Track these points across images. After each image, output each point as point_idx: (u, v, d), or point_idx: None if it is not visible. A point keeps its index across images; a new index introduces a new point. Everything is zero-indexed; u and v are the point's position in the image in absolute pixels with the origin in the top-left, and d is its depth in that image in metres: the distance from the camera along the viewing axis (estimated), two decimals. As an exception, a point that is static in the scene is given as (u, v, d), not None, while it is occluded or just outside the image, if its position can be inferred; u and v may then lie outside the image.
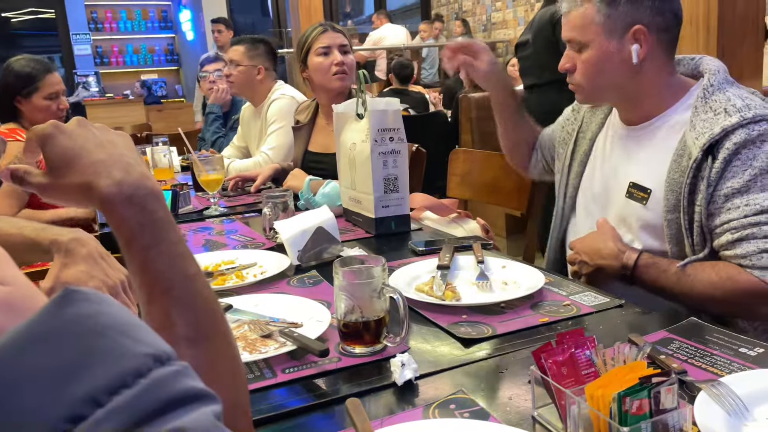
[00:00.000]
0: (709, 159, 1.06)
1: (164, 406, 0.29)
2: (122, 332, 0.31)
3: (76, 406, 0.28)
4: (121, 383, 0.29)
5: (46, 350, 0.29)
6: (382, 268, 0.89)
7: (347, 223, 1.68)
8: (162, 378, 0.30)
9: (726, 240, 1.05)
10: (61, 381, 0.28)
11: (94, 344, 0.30)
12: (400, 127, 1.54)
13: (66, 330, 0.30)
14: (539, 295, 1.06)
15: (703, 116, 1.09)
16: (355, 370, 0.84)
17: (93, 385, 0.28)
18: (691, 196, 1.08)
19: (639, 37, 1.14)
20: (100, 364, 0.29)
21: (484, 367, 0.84)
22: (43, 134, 0.60)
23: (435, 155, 2.32)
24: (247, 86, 2.60)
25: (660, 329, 0.90)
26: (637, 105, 1.22)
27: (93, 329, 0.31)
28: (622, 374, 0.62)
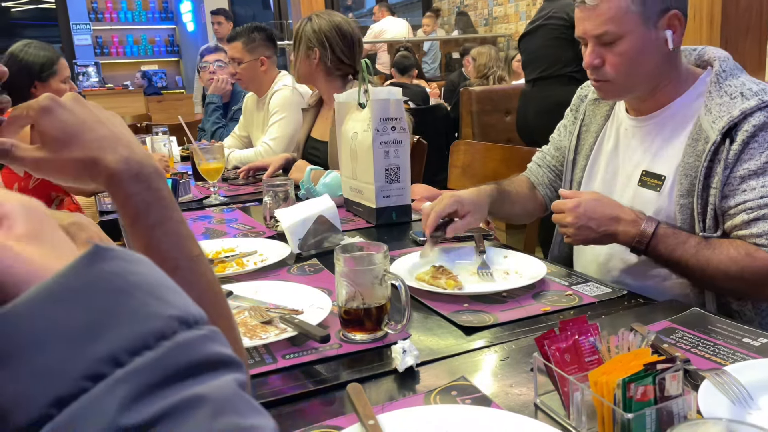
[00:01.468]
0: (727, 142, 1.05)
1: (186, 370, 0.29)
2: (150, 293, 0.31)
3: (96, 364, 0.28)
4: (143, 344, 0.29)
5: (70, 307, 0.29)
6: (383, 254, 0.88)
7: (348, 213, 1.68)
8: (186, 341, 0.30)
9: (741, 220, 1.05)
10: (83, 339, 0.28)
11: (119, 303, 0.30)
12: (401, 117, 1.53)
13: (92, 287, 0.30)
14: (541, 285, 1.05)
15: (718, 101, 1.08)
16: (356, 356, 0.84)
17: (115, 344, 0.28)
18: (707, 180, 1.08)
19: (674, 22, 1.12)
20: (123, 324, 0.29)
21: (485, 354, 0.84)
22: (40, 107, 0.57)
23: (435, 148, 2.32)
24: (253, 80, 2.60)
25: (663, 319, 0.90)
26: (655, 94, 1.20)
27: (120, 287, 0.30)
28: (626, 361, 0.62)
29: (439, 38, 7.36)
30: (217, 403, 0.29)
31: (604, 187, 1.30)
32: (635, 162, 1.23)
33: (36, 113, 0.57)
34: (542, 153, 1.53)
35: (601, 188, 1.31)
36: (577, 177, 1.39)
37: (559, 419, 0.66)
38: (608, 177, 1.30)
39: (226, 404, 0.29)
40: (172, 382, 0.28)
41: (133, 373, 0.28)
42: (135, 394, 0.27)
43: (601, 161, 1.33)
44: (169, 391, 0.28)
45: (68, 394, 0.27)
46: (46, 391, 0.27)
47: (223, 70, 3.17)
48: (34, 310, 0.28)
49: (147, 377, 0.28)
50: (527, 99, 3.32)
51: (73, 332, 0.28)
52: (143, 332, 0.29)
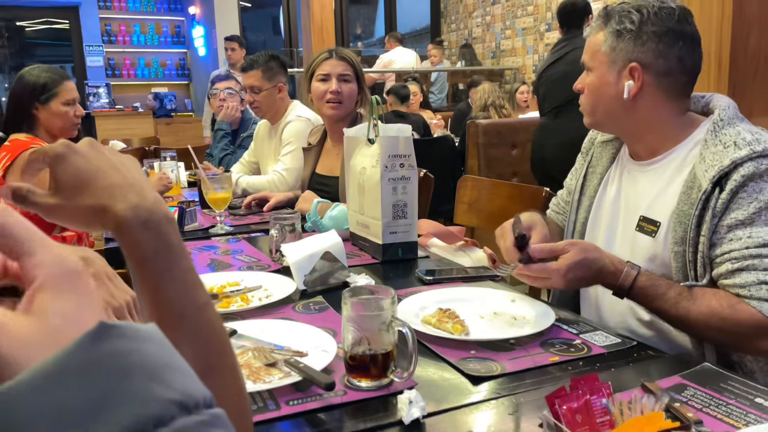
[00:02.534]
0: (717, 191, 1.06)
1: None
2: (151, 375, 0.30)
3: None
4: (141, 430, 0.28)
5: (67, 389, 0.28)
6: (391, 300, 0.87)
7: (354, 248, 1.67)
8: (185, 428, 0.29)
9: (726, 269, 1.05)
10: (79, 422, 0.27)
11: (118, 385, 0.29)
12: (411, 154, 1.54)
13: (92, 368, 0.29)
14: (549, 332, 1.04)
15: (712, 149, 1.09)
16: (360, 405, 0.82)
17: (114, 428, 0.27)
18: (698, 228, 1.08)
19: (634, 74, 1.17)
20: (120, 408, 0.28)
21: (493, 407, 0.82)
22: (55, 154, 0.59)
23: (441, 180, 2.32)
24: (270, 108, 2.63)
25: (673, 374, 0.88)
26: (640, 139, 1.23)
27: (121, 369, 0.30)
28: (639, 426, 0.60)
29: (447, 69, 7.44)
30: None
31: (607, 230, 1.31)
32: (635, 206, 1.24)
33: (51, 159, 0.58)
34: (557, 199, 1.54)
35: (605, 232, 1.31)
36: (581, 218, 1.38)
37: (569, 482, 0.65)
38: (611, 221, 1.31)
39: None
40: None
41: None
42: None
43: (605, 204, 1.33)
44: None
45: None
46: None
47: (233, 97, 3.21)
48: (31, 391, 0.28)
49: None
50: (545, 131, 3.28)
51: (69, 415, 0.28)
52: (140, 417, 0.28)
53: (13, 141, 2.20)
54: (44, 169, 0.61)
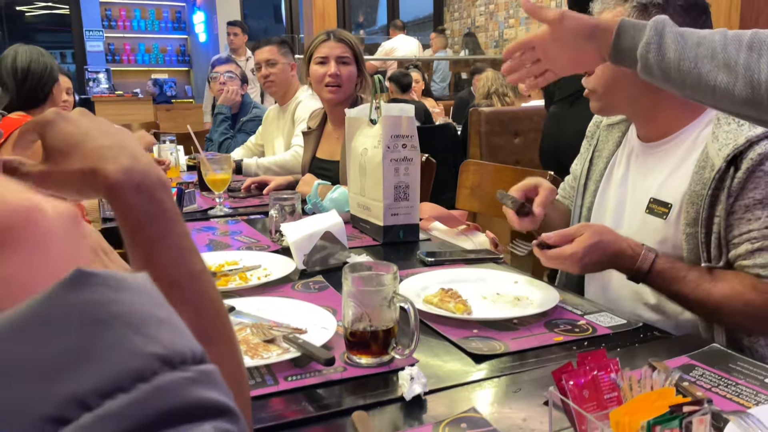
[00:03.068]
0: (732, 170, 1.03)
1: (160, 419, 0.25)
2: (132, 326, 0.27)
3: (61, 406, 0.24)
4: (116, 386, 0.25)
5: (38, 339, 0.26)
6: (393, 275, 0.85)
7: (354, 230, 1.65)
8: (167, 384, 0.26)
9: (745, 249, 1.02)
10: (48, 376, 0.25)
11: (95, 337, 0.26)
12: (413, 135, 1.51)
13: (66, 317, 0.26)
14: (553, 313, 1.02)
15: (726, 128, 1.07)
16: (360, 381, 0.80)
17: (84, 384, 0.25)
18: (712, 208, 1.05)
19: None
20: (96, 361, 0.26)
21: (496, 385, 0.80)
22: (44, 121, 0.57)
23: (443, 167, 2.29)
24: (283, 83, 2.65)
25: (680, 354, 0.86)
26: (654, 120, 1.19)
27: (98, 319, 0.27)
28: (650, 401, 0.58)
29: (449, 58, 7.39)
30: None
31: (614, 213, 1.28)
32: (644, 189, 1.21)
33: (41, 127, 0.56)
34: (564, 184, 1.52)
35: (611, 215, 1.29)
36: (588, 202, 1.36)
37: (575, 459, 0.63)
38: (618, 203, 1.28)
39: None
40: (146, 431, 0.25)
41: (102, 420, 0.24)
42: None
43: (612, 187, 1.31)
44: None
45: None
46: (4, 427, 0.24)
47: (234, 81, 3.17)
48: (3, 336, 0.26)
49: (117, 425, 0.25)
50: (559, 121, 3.20)
51: (38, 368, 0.25)
52: (118, 372, 0.26)
53: (5, 119, 2.18)
54: (36, 141, 0.59)
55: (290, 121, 2.58)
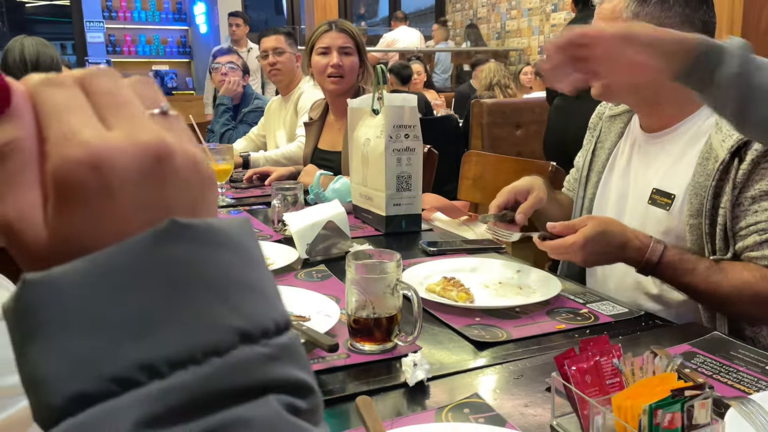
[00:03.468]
0: (736, 161, 1.03)
1: (231, 394, 0.25)
2: (217, 292, 0.26)
3: (130, 368, 0.24)
4: (189, 357, 0.24)
5: (117, 293, 0.25)
6: (396, 263, 0.86)
7: (357, 220, 1.65)
8: (241, 361, 0.25)
9: (753, 241, 1.02)
10: (125, 336, 0.24)
11: (178, 301, 0.25)
12: (416, 125, 1.51)
13: (153, 274, 0.25)
14: (555, 302, 1.02)
15: None
16: (364, 367, 0.81)
17: (156, 351, 0.24)
18: (716, 199, 1.05)
19: None
20: (174, 328, 0.25)
21: (498, 372, 0.81)
22: None
23: (445, 159, 2.29)
24: (289, 72, 2.66)
25: (681, 342, 0.87)
26: (657, 110, 1.19)
27: (182, 281, 0.25)
28: (652, 386, 0.59)
29: (451, 49, 7.37)
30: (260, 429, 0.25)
31: (616, 204, 1.28)
32: (647, 179, 1.21)
33: None
34: (569, 177, 1.53)
35: (613, 206, 1.29)
36: (590, 193, 1.36)
37: (577, 443, 0.63)
38: (620, 194, 1.28)
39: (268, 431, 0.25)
40: (213, 405, 0.24)
41: (172, 390, 0.24)
42: (170, 411, 0.23)
43: (614, 178, 1.31)
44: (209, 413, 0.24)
45: (93, 393, 0.23)
46: (72, 381, 0.24)
47: (235, 72, 3.17)
48: (81, 285, 0.25)
49: (187, 395, 0.24)
50: (564, 113, 3.18)
51: (114, 323, 0.24)
52: (193, 343, 0.25)
53: None
54: None
55: (293, 112, 2.58)
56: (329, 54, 2.05)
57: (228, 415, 0.24)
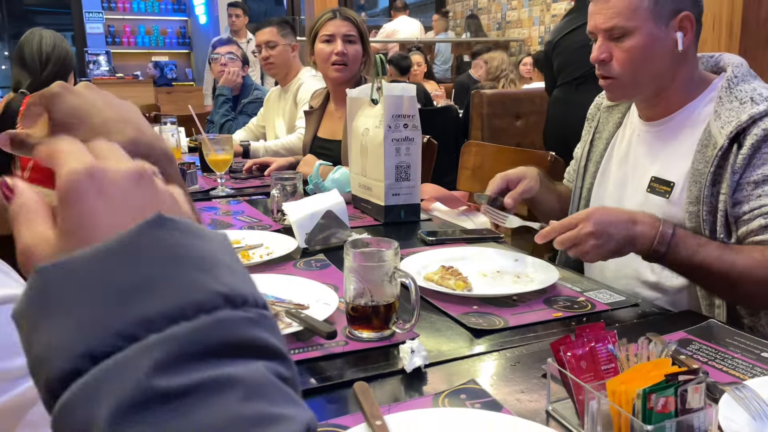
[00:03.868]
0: (735, 147, 1.03)
1: (218, 349, 0.28)
2: (200, 267, 0.31)
3: (132, 325, 0.28)
4: (181, 314, 0.29)
5: (118, 266, 0.30)
6: (394, 251, 0.86)
7: (356, 210, 1.66)
8: (227, 320, 0.29)
9: (758, 225, 1.01)
10: (124, 298, 0.29)
11: (168, 271, 0.30)
12: (414, 114, 1.51)
13: (143, 251, 0.30)
14: (553, 290, 1.03)
15: (728, 106, 1.07)
16: (362, 354, 0.82)
17: (153, 309, 0.29)
18: (714, 186, 1.05)
19: (685, 24, 1.12)
20: (165, 291, 0.29)
21: (495, 359, 0.81)
22: (50, 93, 0.58)
23: (444, 150, 2.29)
24: (284, 65, 2.65)
25: (677, 330, 0.87)
26: (663, 98, 1.18)
27: (170, 257, 0.30)
28: (646, 371, 0.59)
29: (451, 40, 7.33)
30: (249, 387, 0.28)
31: (615, 193, 1.28)
32: (645, 168, 1.21)
33: (47, 100, 0.57)
34: (569, 168, 1.53)
35: (612, 195, 1.29)
36: (587, 183, 1.36)
37: (572, 428, 0.64)
38: (618, 183, 1.28)
39: (257, 390, 0.28)
40: (205, 358, 0.28)
41: (167, 341, 0.28)
42: (168, 360, 0.27)
43: (612, 168, 1.31)
44: (202, 365, 0.28)
45: (101, 350, 0.27)
46: (80, 343, 0.28)
47: (235, 62, 3.16)
48: (84, 266, 0.29)
49: (180, 347, 0.28)
50: (565, 105, 3.16)
51: (116, 291, 0.29)
52: (183, 302, 0.29)
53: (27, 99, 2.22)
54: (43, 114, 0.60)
55: (292, 103, 2.57)
56: (333, 42, 2.05)
57: (220, 372, 0.28)
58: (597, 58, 1.17)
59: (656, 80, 1.16)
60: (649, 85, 1.17)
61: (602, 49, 1.16)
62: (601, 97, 1.42)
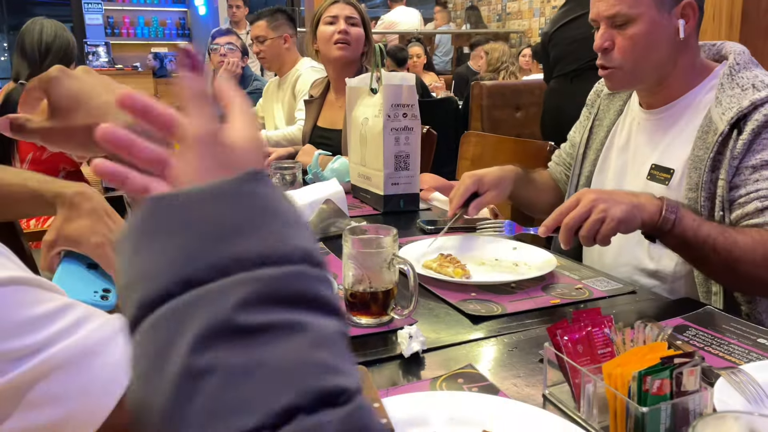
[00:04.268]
0: (735, 132, 1.04)
1: (297, 297, 0.31)
2: (288, 222, 0.34)
3: (225, 260, 0.31)
4: (269, 259, 0.32)
5: (222, 206, 0.33)
6: (392, 238, 0.86)
7: (355, 200, 1.66)
8: (306, 274, 0.33)
9: (754, 208, 1.01)
10: (222, 236, 0.32)
11: (262, 219, 0.33)
12: (414, 104, 1.51)
13: (245, 197, 0.34)
14: (551, 278, 1.03)
15: (729, 92, 1.07)
16: (360, 340, 0.82)
17: (245, 250, 0.32)
18: (713, 172, 1.06)
19: (687, 11, 1.11)
20: (259, 237, 0.33)
21: (493, 344, 0.82)
22: (48, 78, 0.58)
23: (443, 142, 2.29)
24: (276, 58, 2.65)
25: (674, 317, 0.88)
26: (665, 86, 1.18)
27: (266, 207, 0.34)
28: (642, 354, 0.60)
29: (451, 32, 7.30)
30: (318, 337, 0.31)
31: (614, 181, 1.29)
32: (646, 156, 1.21)
33: (46, 84, 0.57)
34: (559, 150, 1.52)
35: (611, 183, 1.29)
36: (586, 171, 1.37)
37: (569, 411, 0.65)
38: (618, 171, 1.28)
39: (325, 341, 0.31)
40: (284, 302, 0.31)
41: (254, 281, 0.31)
42: (252, 299, 0.30)
43: (612, 156, 1.31)
44: (279, 308, 0.30)
45: (195, 278, 0.31)
46: (178, 268, 0.31)
47: (234, 53, 3.15)
48: (193, 200, 0.33)
49: (265, 288, 0.31)
50: (562, 95, 3.15)
51: (217, 229, 0.32)
52: (272, 249, 0.32)
53: None
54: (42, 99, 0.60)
55: (290, 93, 2.57)
56: (337, 22, 2.05)
57: (295, 317, 0.30)
58: (600, 46, 1.16)
59: (658, 68, 1.16)
60: (651, 74, 1.17)
61: (605, 37, 1.15)
62: (601, 84, 1.42)
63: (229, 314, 0.29)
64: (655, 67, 1.15)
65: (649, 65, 1.15)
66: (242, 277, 0.31)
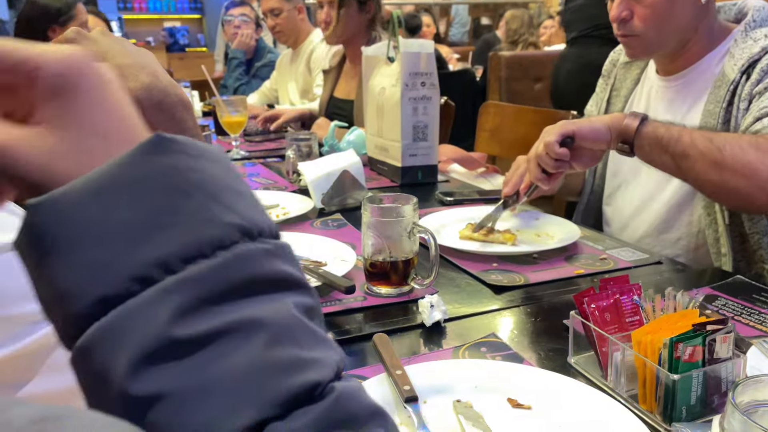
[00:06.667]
0: (744, 78, 1.01)
1: (243, 287, 0.26)
2: (212, 195, 0.28)
3: (145, 267, 0.25)
4: (198, 252, 0.26)
5: (121, 201, 0.26)
6: (413, 207, 0.85)
7: (372, 172, 1.64)
8: (246, 254, 0.27)
9: (752, 118, 0.97)
10: (133, 238, 0.26)
11: (176, 203, 0.27)
12: (432, 72, 1.48)
13: (148, 182, 0.27)
14: (574, 248, 1.01)
15: (742, 45, 1.05)
16: (381, 309, 0.81)
17: (166, 248, 0.26)
18: (725, 125, 1.03)
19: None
20: (178, 227, 0.26)
21: (516, 314, 0.80)
22: (65, 39, 0.56)
23: (461, 114, 2.25)
24: (293, 31, 2.59)
25: (704, 286, 0.85)
26: (684, 52, 1.14)
27: (179, 186, 0.27)
28: (673, 321, 0.58)
29: (468, 1, 7.16)
30: (275, 330, 0.26)
31: None
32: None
33: None
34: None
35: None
36: None
37: (595, 380, 0.63)
38: None
39: (284, 332, 0.26)
40: (227, 299, 0.26)
41: (186, 283, 0.25)
42: (188, 306, 0.25)
43: None
44: (224, 308, 0.26)
45: (114, 294, 0.25)
46: (92, 287, 0.25)
47: (248, 24, 3.11)
48: (84, 200, 0.26)
49: (200, 289, 0.25)
50: (562, 61, 3.17)
51: (122, 230, 0.26)
52: (199, 239, 0.26)
53: None
54: None
55: (304, 66, 2.53)
56: (322, 8, 2.05)
57: (243, 314, 0.26)
58: (618, 16, 1.11)
59: (679, 34, 1.12)
60: (672, 40, 1.13)
61: (622, 7, 1.11)
62: (617, 53, 1.37)
63: (164, 329, 0.25)
64: (676, 32, 1.12)
65: (671, 31, 1.11)
66: (170, 282, 0.25)
